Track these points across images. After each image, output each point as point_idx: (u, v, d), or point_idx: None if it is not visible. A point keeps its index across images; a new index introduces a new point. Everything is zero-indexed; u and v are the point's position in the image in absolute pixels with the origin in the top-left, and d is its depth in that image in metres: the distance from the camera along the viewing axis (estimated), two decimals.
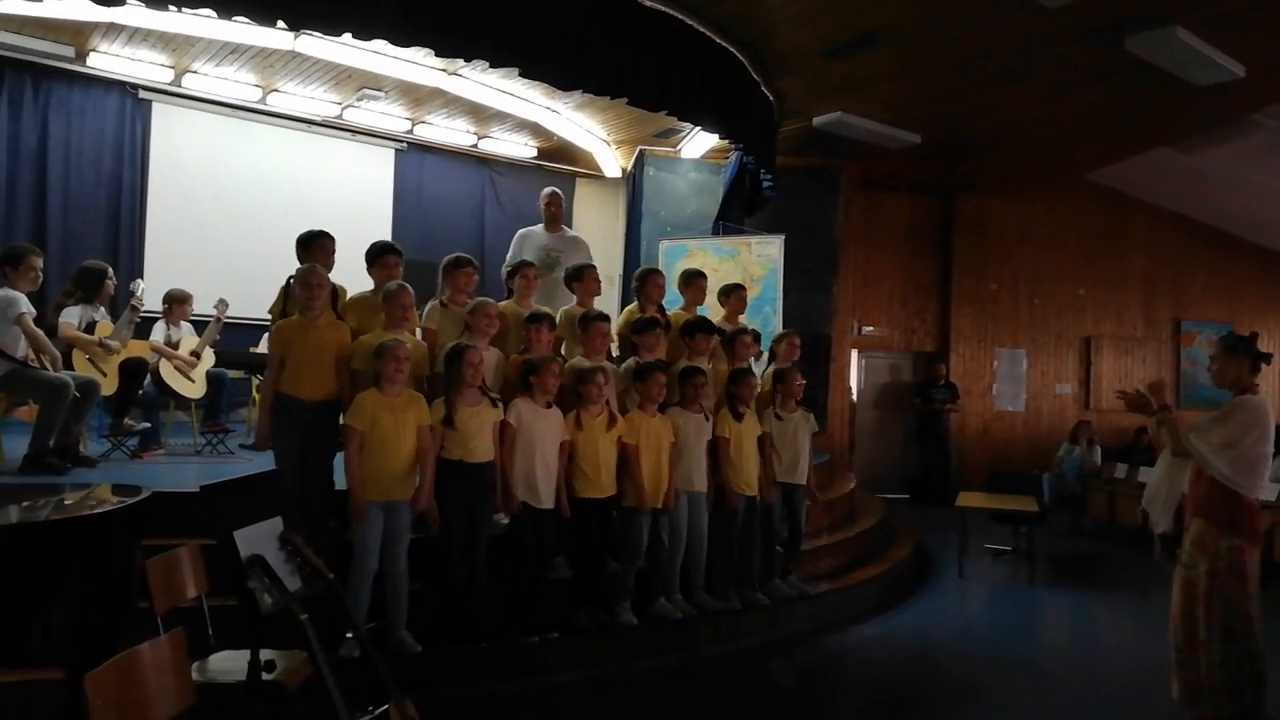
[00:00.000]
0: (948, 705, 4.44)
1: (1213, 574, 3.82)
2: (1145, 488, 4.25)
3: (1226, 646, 3.79)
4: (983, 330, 11.92)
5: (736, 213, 9.07)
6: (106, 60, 7.64)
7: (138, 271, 7.65)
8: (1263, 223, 12.42)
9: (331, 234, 4.93)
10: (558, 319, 5.18)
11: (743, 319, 6.03)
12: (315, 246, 4.84)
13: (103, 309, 5.90)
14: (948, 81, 7.60)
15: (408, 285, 4.56)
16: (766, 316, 8.32)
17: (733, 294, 6.00)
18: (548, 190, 6.40)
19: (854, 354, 11.18)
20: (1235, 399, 3.89)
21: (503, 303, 5.17)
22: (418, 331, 4.98)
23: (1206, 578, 3.83)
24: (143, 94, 8.06)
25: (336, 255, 4.92)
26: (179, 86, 8.07)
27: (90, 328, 5.71)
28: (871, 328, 11.59)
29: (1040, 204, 12.02)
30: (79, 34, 7.29)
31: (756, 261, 8.67)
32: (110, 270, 5.98)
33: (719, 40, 6.82)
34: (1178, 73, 6.92)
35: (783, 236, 8.66)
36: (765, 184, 8.42)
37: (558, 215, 6.32)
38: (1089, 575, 7.68)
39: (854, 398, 11.26)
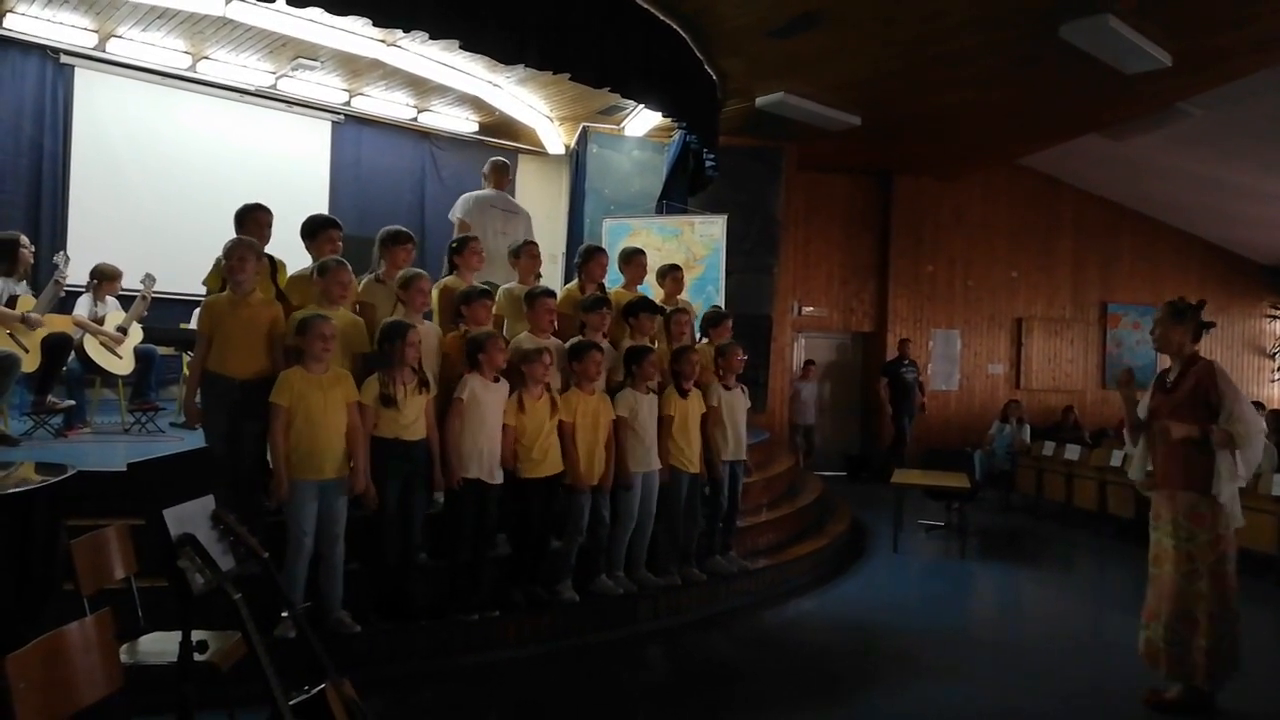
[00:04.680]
0: (883, 676, 4.55)
1: (1218, 541, 3.80)
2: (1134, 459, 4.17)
3: (1226, 612, 3.81)
4: (919, 311, 12.16)
5: (680, 192, 9.06)
6: (24, 22, 7.28)
7: (60, 244, 7.34)
8: (1182, 207, 12.87)
9: (267, 207, 4.82)
10: (499, 296, 5.15)
11: (681, 298, 6.05)
12: (249, 220, 4.72)
13: (24, 283, 5.68)
14: (887, 63, 7.68)
15: (346, 262, 4.47)
16: (709, 296, 8.36)
17: (669, 274, 6.00)
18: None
19: (794, 334, 11.31)
20: (1217, 370, 3.82)
21: (446, 279, 5.11)
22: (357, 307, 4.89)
23: (1210, 547, 3.79)
24: (64, 59, 7.72)
25: (272, 230, 4.81)
26: (103, 52, 7.75)
27: (11, 302, 5.49)
28: (811, 308, 11.74)
29: (974, 187, 12.28)
30: None
31: (699, 241, 8.70)
32: (22, 238, 5.74)
33: (663, 17, 6.79)
34: (1108, 60, 7.12)
35: (725, 216, 8.70)
36: (708, 163, 8.44)
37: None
38: (1017, 549, 7.92)
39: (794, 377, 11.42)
